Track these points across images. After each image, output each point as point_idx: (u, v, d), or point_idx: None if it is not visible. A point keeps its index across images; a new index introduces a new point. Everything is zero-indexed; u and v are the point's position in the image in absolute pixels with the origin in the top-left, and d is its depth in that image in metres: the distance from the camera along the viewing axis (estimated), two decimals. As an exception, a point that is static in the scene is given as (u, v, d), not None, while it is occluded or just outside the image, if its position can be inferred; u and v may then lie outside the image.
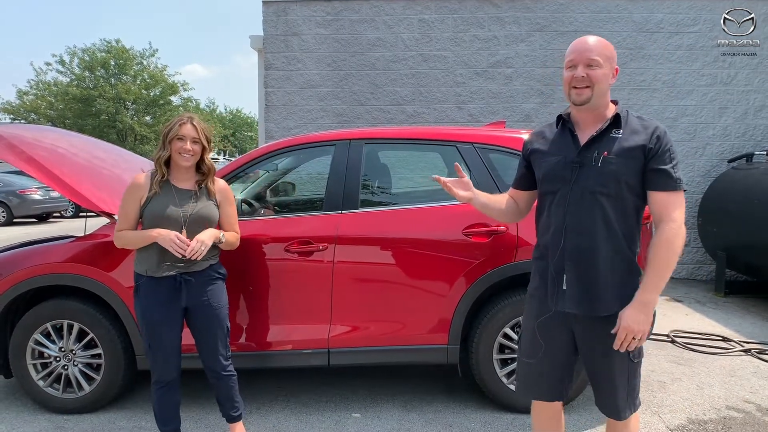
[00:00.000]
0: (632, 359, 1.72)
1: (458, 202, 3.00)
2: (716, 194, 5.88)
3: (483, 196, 1.93)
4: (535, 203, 1.92)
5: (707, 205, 5.99)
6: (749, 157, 5.93)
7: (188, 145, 2.24)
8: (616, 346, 1.64)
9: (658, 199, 1.64)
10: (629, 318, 1.61)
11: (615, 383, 1.73)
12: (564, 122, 1.78)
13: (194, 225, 2.29)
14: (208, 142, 2.32)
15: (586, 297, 1.69)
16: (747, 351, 3.96)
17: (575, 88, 1.67)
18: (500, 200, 1.98)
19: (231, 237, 2.45)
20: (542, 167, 1.79)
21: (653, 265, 1.62)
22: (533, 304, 1.86)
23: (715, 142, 6.49)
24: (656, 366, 3.70)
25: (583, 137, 1.72)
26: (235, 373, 2.52)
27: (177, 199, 2.29)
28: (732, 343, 4.14)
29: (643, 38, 6.48)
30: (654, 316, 1.68)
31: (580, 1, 6.50)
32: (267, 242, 2.85)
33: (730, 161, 6.31)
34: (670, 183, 1.63)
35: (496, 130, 3.27)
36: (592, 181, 1.66)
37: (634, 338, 1.62)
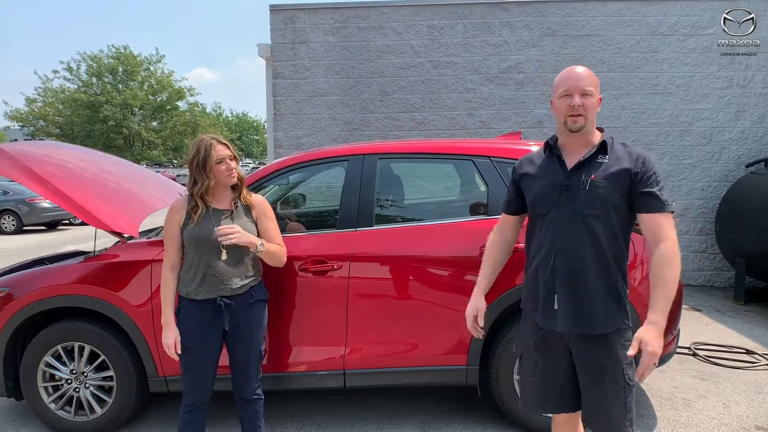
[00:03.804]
0: (627, 380, 1.73)
1: (475, 218, 2.94)
2: (734, 200, 5.75)
3: (487, 281, 2.00)
4: (525, 224, 1.96)
5: (725, 211, 5.86)
6: (768, 161, 5.80)
7: (231, 163, 2.26)
8: (638, 375, 1.63)
9: (649, 220, 1.69)
10: (652, 342, 1.60)
11: (609, 401, 1.72)
12: (551, 148, 1.84)
13: (234, 245, 2.24)
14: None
15: (576, 316, 1.73)
16: (772, 365, 3.85)
17: (572, 116, 1.72)
18: (499, 261, 2.01)
19: (273, 247, 2.39)
20: (532, 191, 1.85)
21: (659, 286, 1.64)
22: (527, 323, 1.91)
23: (732, 146, 6.36)
24: (679, 382, 3.60)
25: (570, 162, 1.78)
26: (263, 397, 2.48)
27: (213, 220, 2.26)
28: (756, 356, 4.02)
29: (656, 41, 6.36)
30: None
31: (592, 5, 6.40)
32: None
33: (748, 165, 6.18)
34: (659, 205, 1.68)
35: (513, 143, 3.19)
36: (581, 204, 1.72)
37: (655, 364, 1.63)
